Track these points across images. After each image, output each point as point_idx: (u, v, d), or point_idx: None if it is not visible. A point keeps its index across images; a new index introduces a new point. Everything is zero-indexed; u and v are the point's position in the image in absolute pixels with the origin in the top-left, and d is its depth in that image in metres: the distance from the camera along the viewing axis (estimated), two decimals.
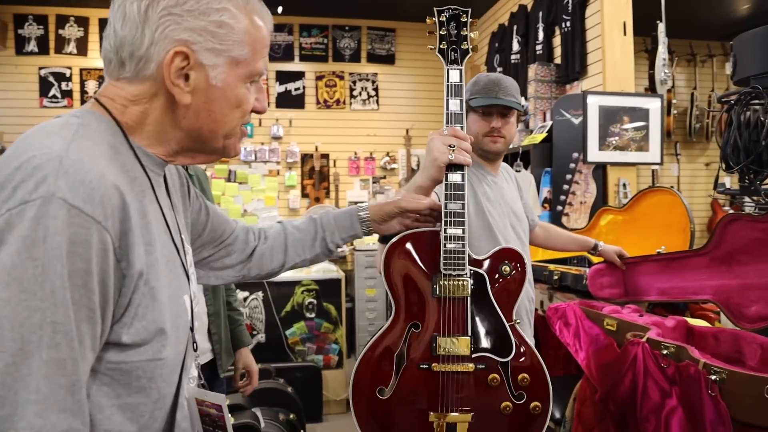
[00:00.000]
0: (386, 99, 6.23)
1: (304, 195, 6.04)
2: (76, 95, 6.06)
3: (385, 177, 6.19)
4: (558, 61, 4.30)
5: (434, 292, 1.27)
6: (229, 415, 0.92)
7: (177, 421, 0.87)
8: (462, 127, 1.31)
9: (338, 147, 6.10)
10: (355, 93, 6.14)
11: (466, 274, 1.27)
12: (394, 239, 1.29)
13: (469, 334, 1.26)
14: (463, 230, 1.26)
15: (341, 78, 6.11)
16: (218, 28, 0.82)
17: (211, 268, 1.19)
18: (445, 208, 1.26)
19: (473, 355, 1.26)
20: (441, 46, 1.35)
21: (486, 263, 1.32)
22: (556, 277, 3.02)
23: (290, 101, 6.05)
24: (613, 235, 3.12)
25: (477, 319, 1.28)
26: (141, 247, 0.78)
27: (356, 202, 5.78)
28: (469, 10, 1.35)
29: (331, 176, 6.06)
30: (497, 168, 2.13)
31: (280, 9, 5.71)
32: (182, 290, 0.88)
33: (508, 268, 1.31)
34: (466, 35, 1.35)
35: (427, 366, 1.25)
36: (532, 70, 4.24)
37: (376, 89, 6.19)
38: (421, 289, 1.29)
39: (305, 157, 6.03)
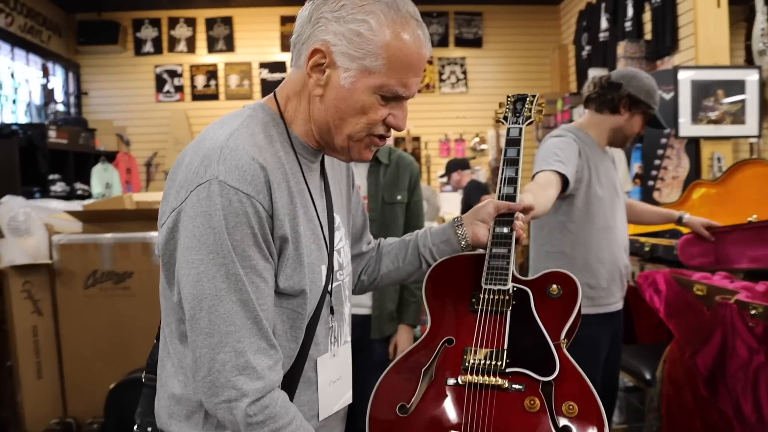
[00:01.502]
0: (475, 81, 6.38)
1: None
2: (187, 89, 6.61)
3: (475, 158, 6.35)
4: (648, 37, 4.30)
5: (472, 306, 1.19)
6: None
7: (304, 369, 1.00)
8: (517, 171, 1.28)
9: (429, 130, 6.32)
10: (444, 77, 6.33)
11: (509, 289, 1.18)
12: (438, 260, 1.24)
13: (505, 347, 1.12)
14: (509, 250, 1.20)
15: (430, 63, 6.31)
16: (355, 36, 0.90)
17: None
18: (493, 231, 1.22)
19: (507, 370, 1.09)
20: (506, 115, 1.35)
21: (532, 282, 1.22)
22: (647, 249, 3.11)
23: None
24: (706, 209, 3.15)
25: (516, 334, 1.14)
26: (286, 218, 0.92)
27: (447, 183, 5.98)
28: (537, 94, 1.36)
29: (422, 158, 6.31)
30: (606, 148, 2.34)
31: None
32: (321, 261, 1.00)
33: (556, 290, 1.19)
34: (531, 108, 1.33)
35: (454, 381, 1.11)
36: (621, 47, 4.27)
37: (464, 72, 6.35)
38: (460, 305, 1.21)
39: (398, 141, 6.29)
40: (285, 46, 6.49)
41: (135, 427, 1.06)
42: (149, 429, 1.03)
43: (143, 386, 1.07)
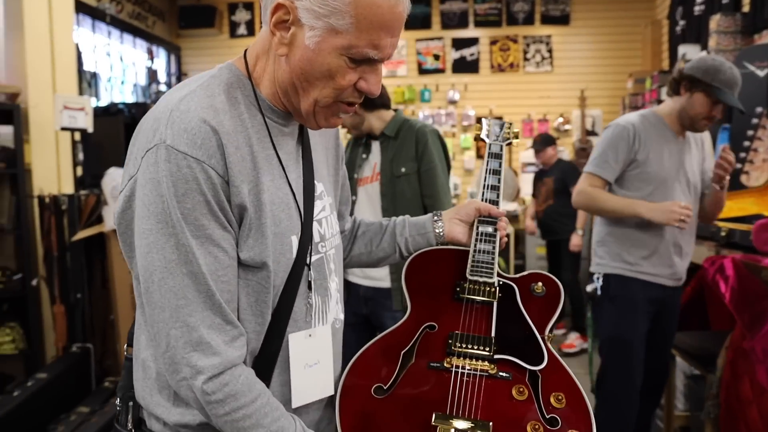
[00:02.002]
0: (560, 60, 6.23)
1: (479, 156, 6.31)
2: None
3: (558, 138, 6.23)
4: (746, 9, 4.05)
5: (456, 294, 1.17)
6: None
7: (281, 348, 0.93)
8: (499, 180, 1.31)
9: (512, 109, 6.26)
10: (528, 56, 6.23)
11: (494, 283, 1.18)
12: (422, 250, 1.23)
13: (493, 335, 1.10)
14: (494, 247, 1.20)
15: (515, 41, 6.23)
16: None
17: None
18: (477, 229, 1.22)
19: (495, 356, 1.07)
20: (487, 134, 1.43)
21: (516, 279, 1.22)
22: (723, 234, 3.00)
23: (465, 66, 6.32)
24: None
25: (503, 324, 1.13)
26: (244, 184, 0.85)
27: (530, 163, 5.93)
28: (510, 123, 1.47)
29: None
30: (683, 134, 2.38)
31: None
32: (291, 231, 0.92)
33: (540, 288, 1.20)
34: (509, 132, 1.42)
35: (438, 364, 1.06)
36: (714, 21, 4.05)
37: (550, 51, 6.21)
38: (442, 294, 1.18)
39: (480, 120, 6.28)
40: None
41: (117, 401, 1.00)
42: (130, 403, 0.96)
43: (125, 360, 1.01)
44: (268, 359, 0.92)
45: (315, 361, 0.97)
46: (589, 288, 2.47)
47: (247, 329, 0.89)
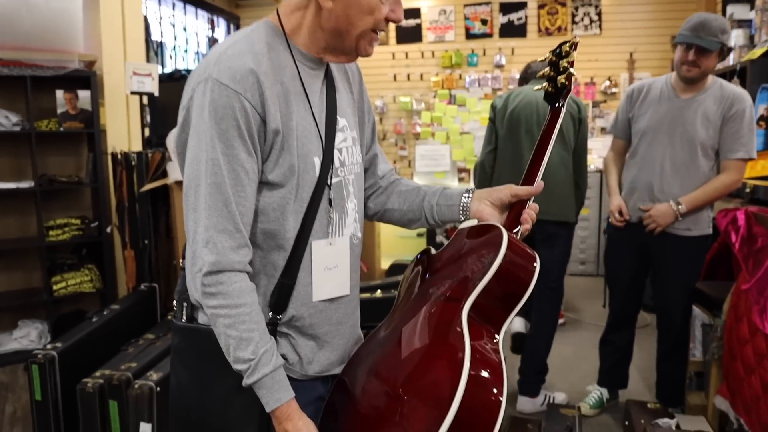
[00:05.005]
0: (609, 23, 6.18)
1: None
2: None
3: (605, 101, 6.23)
4: None
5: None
6: None
7: (304, 255, 1.10)
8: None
9: None
10: (576, 19, 6.21)
11: None
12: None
13: None
14: None
15: (563, 5, 6.22)
16: None
17: None
18: None
19: None
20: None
21: None
22: (747, 190, 3.07)
23: (512, 31, 6.37)
24: None
25: None
26: (277, 113, 1.03)
27: None
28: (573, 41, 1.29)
29: None
30: (691, 92, 2.58)
31: None
32: (313, 153, 1.09)
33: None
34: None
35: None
36: None
37: (599, 14, 6.17)
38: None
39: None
40: None
41: (173, 303, 1.18)
42: (185, 303, 1.13)
43: (182, 269, 1.16)
44: (294, 263, 1.08)
45: (334, 264, 1.13)
46: None
47: (279, 237, 1.07)
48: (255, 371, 1.00)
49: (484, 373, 0.85)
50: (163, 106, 4.17)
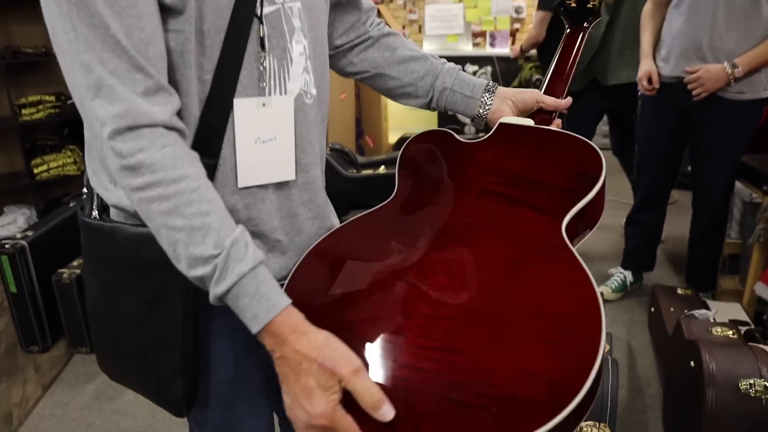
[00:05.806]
0: None
1: None
2: None
3: None
4: None
5: None
6: None
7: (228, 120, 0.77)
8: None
9: None
10: None
11: None
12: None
13: None
14: None
15: None
16: None
17: None
18: None
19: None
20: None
21: None
22: None
23: None
24: None
25: None
26: None
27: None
28: None
29: None
30: None
31: None
32: None
33: None
34: None
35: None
36: None
37: None
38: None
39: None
40: None
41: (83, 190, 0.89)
42: (96, 194, 0.85)
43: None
44: (211, 132, 0.75)
45: (270, 136, 0.80)
46: None
47: (185, 94, 0.73)
48: (225, 273, 0.67)
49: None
50: None
